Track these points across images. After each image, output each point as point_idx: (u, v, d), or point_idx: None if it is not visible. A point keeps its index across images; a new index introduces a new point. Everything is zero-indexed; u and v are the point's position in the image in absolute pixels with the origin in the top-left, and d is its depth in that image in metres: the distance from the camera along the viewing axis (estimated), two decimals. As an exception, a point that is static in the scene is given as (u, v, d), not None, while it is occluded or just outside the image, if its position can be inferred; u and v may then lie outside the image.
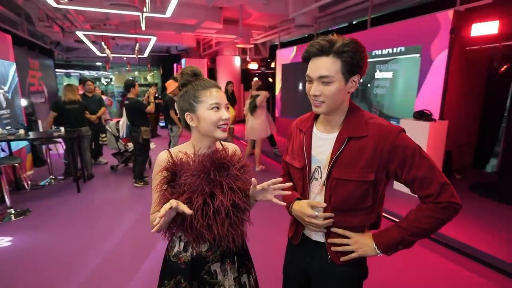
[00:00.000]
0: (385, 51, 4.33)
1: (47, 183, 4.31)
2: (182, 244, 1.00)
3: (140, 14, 3.53)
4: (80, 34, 5.37)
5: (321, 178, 0.99)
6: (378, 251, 0.94)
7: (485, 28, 3.42)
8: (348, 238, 0.97)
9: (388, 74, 4.32)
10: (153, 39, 5.98)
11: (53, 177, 4.42)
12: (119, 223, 3.09)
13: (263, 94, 4.41)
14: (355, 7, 5.19)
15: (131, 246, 2.64)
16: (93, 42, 7.28)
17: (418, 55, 3.86)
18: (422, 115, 3.42)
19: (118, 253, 2.53)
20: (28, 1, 4.96)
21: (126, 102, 3.94)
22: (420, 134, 3.34)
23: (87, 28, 6.44)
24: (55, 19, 6.17)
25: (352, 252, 0.96)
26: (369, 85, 4.70)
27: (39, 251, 2.56)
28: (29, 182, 3.86)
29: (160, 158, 1.01)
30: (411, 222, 0.91)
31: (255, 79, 5.04)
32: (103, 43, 6.53)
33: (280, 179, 0.91)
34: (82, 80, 4.89)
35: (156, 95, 6.69)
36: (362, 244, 0.95)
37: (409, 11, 4.60)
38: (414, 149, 0.89)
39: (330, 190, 0.95)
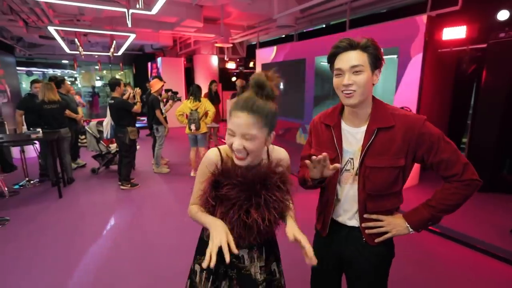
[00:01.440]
0: (365, 52, 4.56)
1: (23, 186, 4.06)
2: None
3: (125, 10, 3.40)
4: (51, 29, 5.03)
5: (353, 169, 1.07)
6: (411, 230, 1.06)
7: (454, 33, 3.77)
8: (381, 221, 1.07)
9: (368, 74, 4.56)
10: (132, 37, 5.76)
11: (29, 179, 4.13)
12: (109, 228, 2.97)
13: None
14: (334, 9, 5.41)
15: (126, 252, 2.55)
16: (62, 39, 6.83)
17: (395, 56, 4.14)
18: (402, 112, 3.67)
19: (112, 259, 2.44)
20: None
21: (111, 101, 3.77)
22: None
23: (56, 23, 6.04)
24: (19, 13, 5.70)
25: (385, 233, 1.07)
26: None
27: (24, 263, 2.39)
28: (6, 189, 3.56)
29: (210, 156, 1.01)
30: (439, 200, 1.02)
31: (239, 80, 5.05)
32: (76, 39, 6.15)
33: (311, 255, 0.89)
34: (51, 79, 4.53)
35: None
36: (395, 224, 1.06)
37: (385, 15, 4.91)
38: (439, 135, 1.00)
39: (364, 178, 1.04)
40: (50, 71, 12.12)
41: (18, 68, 9.14)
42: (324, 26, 6.72)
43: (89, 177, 4.56)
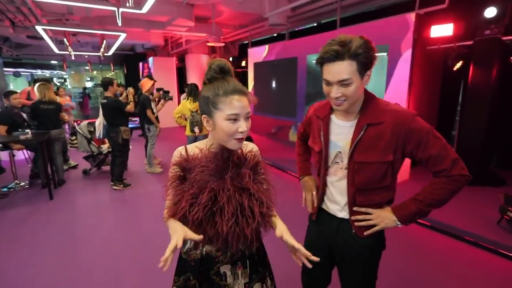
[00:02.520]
0: (355, 50, 4.62)
1: (12, 188, 3.99)
2: (192, 241, 0.97)
3: (115, 9, 3.37)
4: (39, 29, 4.94)
5: (342, 162, 1.09)
6: (398, 223, 1.07)
7: (442, 30, 3.84)
8: (370, 214, 1.09)
9: (359, 72, 4.62)
10: (122, 36, 5.70)
11: (18, 182, 4.07)
12: (102, 229, 2.93)
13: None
14: (324, 7, 5.46)
15: (119, 252, 2.53)
16: (50, 38, 6.71)
17: (385, 53, 4.20)
18: (393, 109, 3.73)
19: (105, 259, 2.42)
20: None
21: (104, 101, 3.73)
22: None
23: (44, 22, 5.93)
24: (5, 12, 5.59)
25: (374, 226, 1.08)
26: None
27: (23, 263, 2.35)
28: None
29: (175, 153, 0.99)
30: (427, 195, 1.03)
31: None
32: (65, 39, 6.05)
33: (309, 254, 0.89)
34: (38, 81, 4.44)
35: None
36: (383, 217, 1.07)
37: (374, 13, 4.97)
38: (428, 130, 0.99)
39: (353, 172, 1.06)
40: (39, 72, 11.91)
41: (5, 69, 8.95)
42: (315, 24, 6.77)
43: (80, 178, 4.50)
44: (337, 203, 1.15)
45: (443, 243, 2.62)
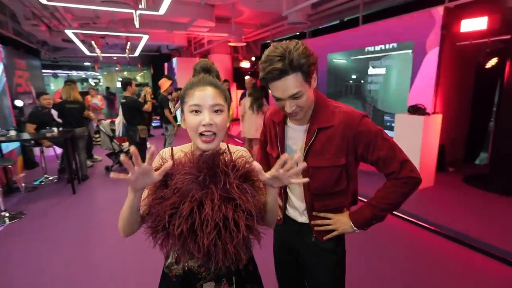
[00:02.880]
0: (377, 48, 4.40)
1: (42, 182, 4.26)
2: (175, 255, 0.90)
3: (133, 11, 3.47)
4: (69, 32, 5.25)
5: (297, 167, 1.04)
6: (355, 228, 1.05)
7: (474, 24, 3.52)
8: (329, 219, 1.08)
9: (381, 70, 4.39)
10: (145, 38, 5.89)
11: (47, 176, 4.35)
12: (115, 224, 3.03)
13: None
14: (346, 4, 5.25)
15: (133, 245, 2.61)
16: (82, 41, 7.12)
17: (410, 51, 3.94)
18: (416, 110, 3.50)
19: (119, 252, 2.50)
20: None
21: (123, 100, 3.89)
22: (415, 128, 3.42)
23: (76, 26, 6.30)
24: (41, 17, 6.00)
25: (333, 230, 1.07)
26: (362, 81, 4.77)
27: (36, 255, 2.50)
28: (23, 184, 3.75)
29: (160, 154, 0.92)
30: (380, 199, 1.02)
31: (247, 77, 5.02)
32: (93, 42, 6.39)
33: (286, 155, 0.79)
34: (67, 82, 4.73)
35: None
36: (341, 223, 1.06)
37: (399, 8, 4.69)
38: (376, 132, 0.97)
39: (308, 178, 0.98)
40: (74, 73, 12.72)
41: (44, 70, 9.64)
42: (338, 22, 6.55)
43: (103, 174, 4.72)
44: (296, 208, 1.14)
45: (475, 260, 2.40)
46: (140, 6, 3.32)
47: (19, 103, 5.38)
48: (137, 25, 3.70)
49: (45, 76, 10.28)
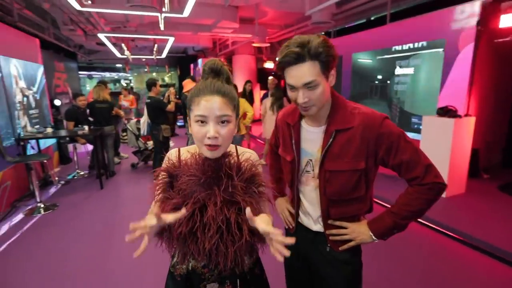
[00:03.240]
0: (405, 47, 4.20)
1: (74, 177, 4.56)
2: (179, 255, 0.89)
3: (158, 14, 3.61)
4: (101, 36, 5.56)
5: (313, 170, 1.02)
6: (375, 238, 0.99)
7: (515, 19, 3.25)
8: (345, 228, 1.01)
9: (409, 70, 4.19)
10: (171, 40, 6.09)
11: (79, 171, 4.65)
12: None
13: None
14: (373, 2, 5.07)
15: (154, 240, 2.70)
16: (113, 44, 7.52)
17: (441, 49, 3.72)
18: (446, 112, 3.29)
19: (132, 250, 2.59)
20: (54, 6, 5.19)
21: (148, 100, 4.05)
22: (444, 131, 3.22)
23: (108, 30, 6.67)
24: (78, 23, 6.42)
25: (350, 240, 1.01)
26: (388, 81, 4.57)
27: (65, 243, 2.67)
28: (56, 178, 4.03)
29: (170, 153, 0.93)
30: (401, 206, 0.95)
31: (271, 78, 5.02)
32: (123, 44, 6.72)
33: (280, 231, 0.67)
34: (100, 83, 5.05)
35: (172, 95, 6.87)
36: (359, 232, 1.00)
37: (430, 5, 4.44)
38: (399, 134, 0.92)
39: (324, 182, 0.98)
40: (107, 74, 13.45)
41: (80, 72, 10.30)
42: (364, 21, 6.34)
43: (129, 171, 4.95)
44: (310, 215, 1.08)
45: (494, 267, 2.21)
46: (163, 9, 3.44)
47: (57, 102, 5.81)
48: (162, 28, 3.84)
49: (81, 77, 10.98)
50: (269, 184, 0.91)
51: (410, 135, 4.18)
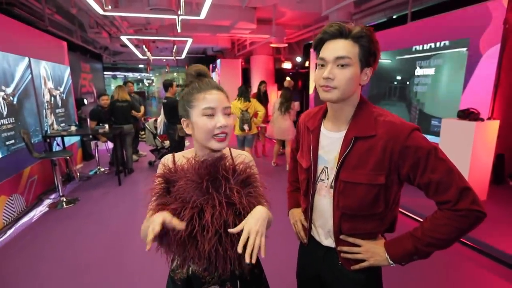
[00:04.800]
0: (426, 46, 4.04)
1: (96, 173, 4.82)
2: (179, 259, 0.90)
3: (176, 17, 3.71)
4: (124, 38, 5.80)
5: (327, 179, 0.94)
6: (391, 262, 0.88)
7: (547, 17, 3.04)
8: (359, 246, 0.91)
9: (430, 71, 4.03)
10: (189, 41, 6.24)
11: (100, 168, 4.89)
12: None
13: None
14: (393, 1, 4.92)
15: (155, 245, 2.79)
16: (136, 46, 7.81)
17: (465, 49, 3.55)
18: (467, 114, 3.13)
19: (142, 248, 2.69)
20: (80, 10, 5.47)
21: (165, 100, 4.18)
22: (465, 135, 3.07)
23: (131, 33, 6.93)
24: (103, 26, 6.73)
25: (363, 260, 0.91)
26: (408, 82, 4.42)
27: (86, 236, 2.83)
28: (78, 174, 4.25)
29: (162, 161, 0.93)
30: (426, 232, 0.83)
31: (287, 78, 5.00)
32: (144, 46, 6.96)
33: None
34: (125, 82, 5.31)
35: None
36: (373, 253, 0.89)
37: (454, 2, 4.24)
38: (429, 150, 0.80)
39: (338, 193, 0.90)
40: (130, 75, 13.96)
41: (105, 72, 10.77)
42: (385, 19, 6.16)
43: (146, 168, 5.12)
44: (321, 227, 0.99)
45: (518, 285, 2.09)
46: (179, 12, 3.54)
47: (86, 101, 6.14)
48: (179, 30, 3.95)
49: (106, 77, 11.48)
50: (264, 184, 0.90)
51: (430, 138, 4.02)
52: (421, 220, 0.94)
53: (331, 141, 0.93)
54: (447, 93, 3.83)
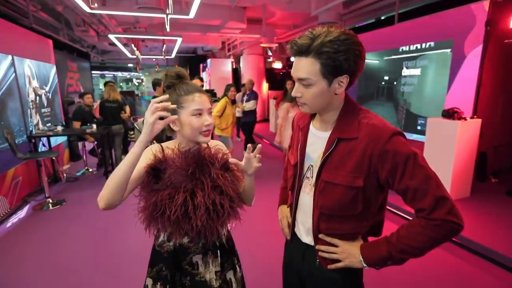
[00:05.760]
0: (413, 47, 4.13)
1: (83, 174, 4.72)
2: (166, 234, 1.04)
3: (164, 16, 3.68)
4: (112, 37, 5.71)
5: (312, 177, 0.95)
6: (365, 264, 0.88)
7: (526, 19, 3.16)
8: (336, 246, 0.92)
9: (416, 71, 4.12)
10: (179, 40, 6.19)
11: (87, 168, 4.81)
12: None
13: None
14: (381, 2, 5.01)
15: (147, 241, 2.77)
16: (124, 45, 7.70)
17: (449, 50, 3.65)
18: (451, 114, 3.22)
19: (143, 243, 2.67)
20: (67, 8, 5.36)
21: (152, 99, 4.11)
22: (449, 133, 3.16)
23: (119, 31, 6.83)
24: (90, 24, 6.61)
25: (339, 261, 0.92)
26: (395, 83, 4.51)
27: (72, 238, 2.77)
28: (65, 175, 4.17)
29: (150, 149, 0.99)
30: (401, 238, 0.84)
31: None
32: (133, 45, 6.87)
33: (250, 146, 0.98)
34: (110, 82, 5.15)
35: None
36: (349, 254, 0.90)
37: (439, 5, 4.35)
38: (408, 155, 0.78)
39: (319, 192, 0.91)
40: (119, 74, 13.75)
41: (93, 72, 10.58)
42: (373, 20, 6.26)
43: (135, 169, 5.06)
44: (302, 224, 1.01)
45: (500, 277, 2.16)
46: (167, 11, 3.51)
47: (76, 99, 6.01)
48: (168, 29, 3.92)
49: (94, 76, 11.26)
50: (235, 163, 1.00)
51: (416, 137, 4.12)
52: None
53: (317, 140, 0.95)
54: (432, 93, 3.93)
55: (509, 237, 2.51)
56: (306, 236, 1.00)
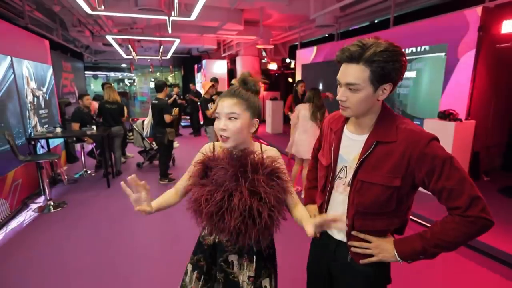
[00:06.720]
0: (408, 50, 4.26)
1: (82, 175, 4.69)
2: (208, 229, 1.06)
3: (167, 18, 3.69)
4: (109, 38, 5.67)
5: (345, 177, 1.01)
6: (399, 258, 0.94)
7: (516, 25, 3.31)
8: (369, 242, 0.98)
9: (412, 74, 4.25)
10: (177, 41, 6.19)
11: (86, 170, 4.77)
12: (140, 218, 3.25)
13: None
14: (377, 6, 5.13)
15: (155, 238, 2.79)
16: (120, 45, 7.63)
17: (443, 53, 3.78)
18: (447, 115, 3.35)
19: (142, 242, 2.69)
20: (63, 8, 5.30)
21: (155, 101, 4.07)
22: (445, 134, 3.28)
23: (115, 32, 6.77)
24: (86, 24, 6.54)
25: (372, 255, 0.98)
26: (391, 84, 4.63)
27: (76, 240, 2.77)
28: (66, 177, 4.13)
29: (204, 147, 1.11)
30: (435, 234, 0.90)
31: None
32: (129, 45, 6.82)
33: (323, 217, 0.90)
34: (103, 84, 5.09)
35: (176, 96, 6.91)
36: (382, 249, 0.96)
37: (434, 9, 4.50)
38: (445, 159, 0.85)
39: (355, 191, 0.97)
40: (112, 74, 13.57)
41: (86, 72, 10.43)
42: (368, 24, 6.40)
43: (134, 170, 5.04)
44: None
45: (493, 268, 2.27)
46: (173, 14, 3.53)
47: (72, 100, 5.93)
48: (169, 31, 3.93)
49: (87, 77, 11.10)
50: (288, 176, 1.04)
51: (412, 137, 4.24)
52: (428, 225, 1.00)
53: (352, 143, 1.00)
54: (427, 95, 4.06)
55: (500, 232, 2.63)
56: (338, 233, 1.05)
